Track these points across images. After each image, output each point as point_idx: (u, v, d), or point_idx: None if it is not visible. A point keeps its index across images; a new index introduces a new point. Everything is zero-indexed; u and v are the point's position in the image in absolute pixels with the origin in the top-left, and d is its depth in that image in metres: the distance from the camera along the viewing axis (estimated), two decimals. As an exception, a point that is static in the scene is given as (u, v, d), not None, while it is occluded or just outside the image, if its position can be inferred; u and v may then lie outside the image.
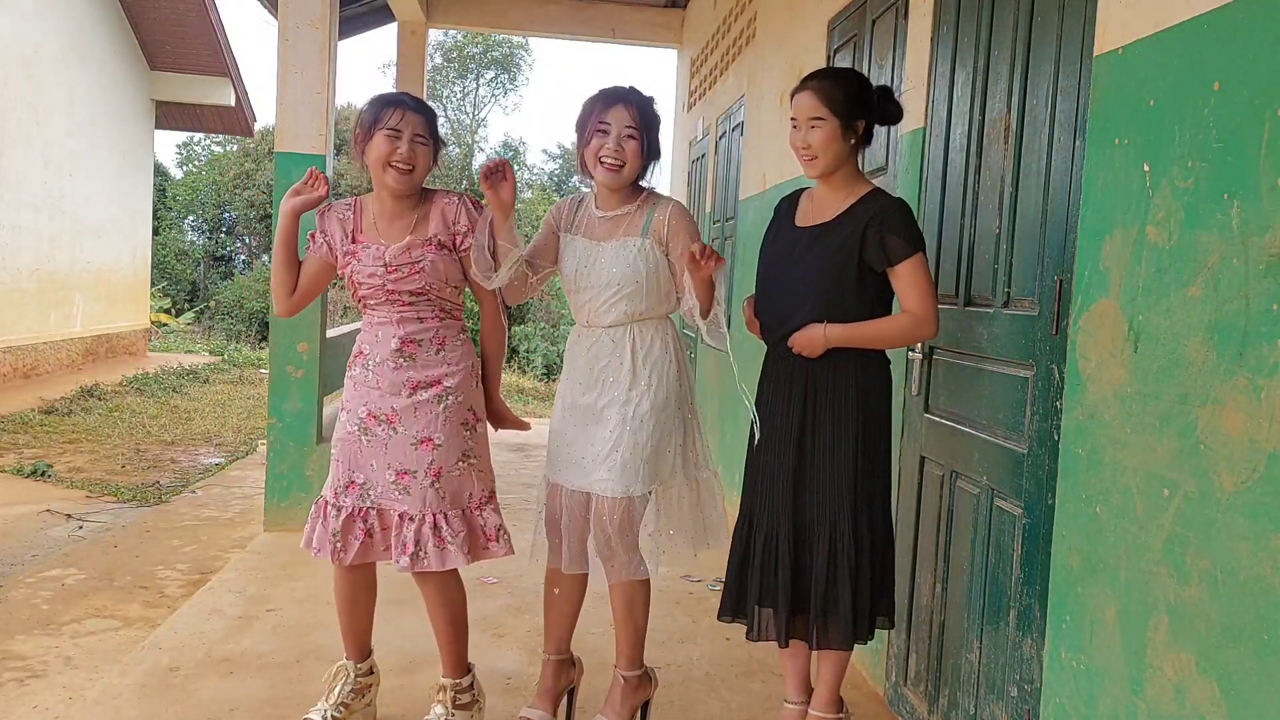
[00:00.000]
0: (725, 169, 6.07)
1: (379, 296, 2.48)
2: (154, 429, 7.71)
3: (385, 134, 2.43)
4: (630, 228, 2.54)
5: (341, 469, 2.51)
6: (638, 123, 2.48)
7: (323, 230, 2.56)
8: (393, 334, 2.48)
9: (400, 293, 2.47)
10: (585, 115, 2.52)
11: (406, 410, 2.47)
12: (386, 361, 2.48)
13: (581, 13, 8.21)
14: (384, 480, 2.48)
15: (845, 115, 2.28)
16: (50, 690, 2.97)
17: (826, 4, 3.89)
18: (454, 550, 2.46)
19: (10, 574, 4.09)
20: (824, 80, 2.32)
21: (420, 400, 2.47)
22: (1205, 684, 1.53)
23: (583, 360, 2.58)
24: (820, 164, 2.31)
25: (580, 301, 2.58)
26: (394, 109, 2.45)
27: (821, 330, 2.27)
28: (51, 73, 9.95)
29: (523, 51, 23.52)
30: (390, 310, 2.49)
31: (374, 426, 2.48)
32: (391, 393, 2.48)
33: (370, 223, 2.53)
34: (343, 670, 2.65)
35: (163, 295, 17.58)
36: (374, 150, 2.45)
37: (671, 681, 3.07)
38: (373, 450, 2.48)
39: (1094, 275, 1.88)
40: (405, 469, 2.47)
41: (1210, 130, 1.58)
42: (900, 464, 2.89)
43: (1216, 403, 1.53)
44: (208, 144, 23.49)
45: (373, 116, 2.45)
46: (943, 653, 2.56)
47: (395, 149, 2.43)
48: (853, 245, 2.26)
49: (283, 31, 4.44)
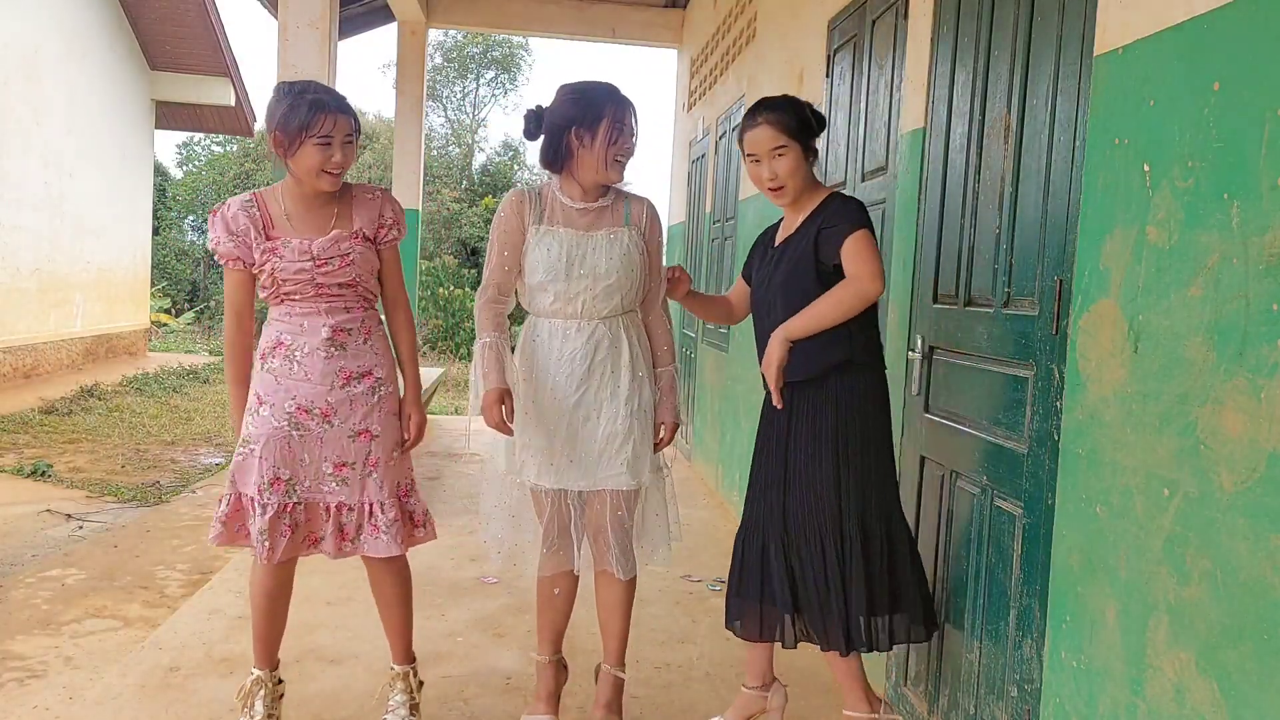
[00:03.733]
0: (725, 169, 6.07)
1: (306, 290, 2.43)
2: (154, 429, 7.71)
3: (317, 144, 2.35)
4: (614, 219, 2.56)
5: (265, 466, 2.42)
6: (637, 122, 2.56)
7: (232, 234, 2.42)
8: (322, 323, 2.44)
9: (329, 285, 2.43)
10: (598, 113, 2.47)
11: (342, 403, 2.45)
12: (317, 351, 2.43)
13: (581, 13, 8.21)
14: (318, 473, 2.45)
15: (802, 138, 2.39)
16: (50, 690, 2.96)
17: (826, 4, 3.89)
18: (387, 538, 2.49)
19: (10, 574, 4.09)
20: (775, 111, 2.41)
21: (355, 392, 2.46)
22: (1205, 684, 1.53)
23: (571, 354, 2.52)
24: (789, 191, 2.42)
25: (571, 293, 2.50)
26: (323, 115, 2.35)
27: (778, 335, 2.32)
28: (51, 73, 9.94)
29: (523, 51, 23.51)
30: (317, 301, 2.45)
31: (305, 420, 2.44)
32: (323, 384, 2.43)
33: (281, 216, 2.45)
34: (259, 681, 2.57)
35: (163, 295, 17.59)
36: (306, 159, 2.36)
37: (671, 681, 3.07)
38: (305, 445, 2.44)
39: (1094, 275, 1.88)
40: (344, 461, 2.46)
41: (1210, 130, 1.58)
42: (900, 464, 2.89)
43: (1216, 403, 1.53)
44: (208, 144, 23.49)
45: (301, 123, 2.34)
46: (943, 653, 2.56)
47: (329, 157, 2.36)
48: (809, 247, 2.36)
49: (283, 31, 4.44)
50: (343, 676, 3.01)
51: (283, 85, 2.43)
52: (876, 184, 3.28)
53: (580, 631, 3.45)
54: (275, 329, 2.47)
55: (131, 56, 11.94)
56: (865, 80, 3.42)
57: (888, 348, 3.06)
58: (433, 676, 2.96)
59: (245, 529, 2.48)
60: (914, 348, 2.76)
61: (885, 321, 3.11)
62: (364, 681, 2.96)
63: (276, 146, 2.40)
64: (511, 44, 22.84)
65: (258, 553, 2.45)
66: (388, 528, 2.49)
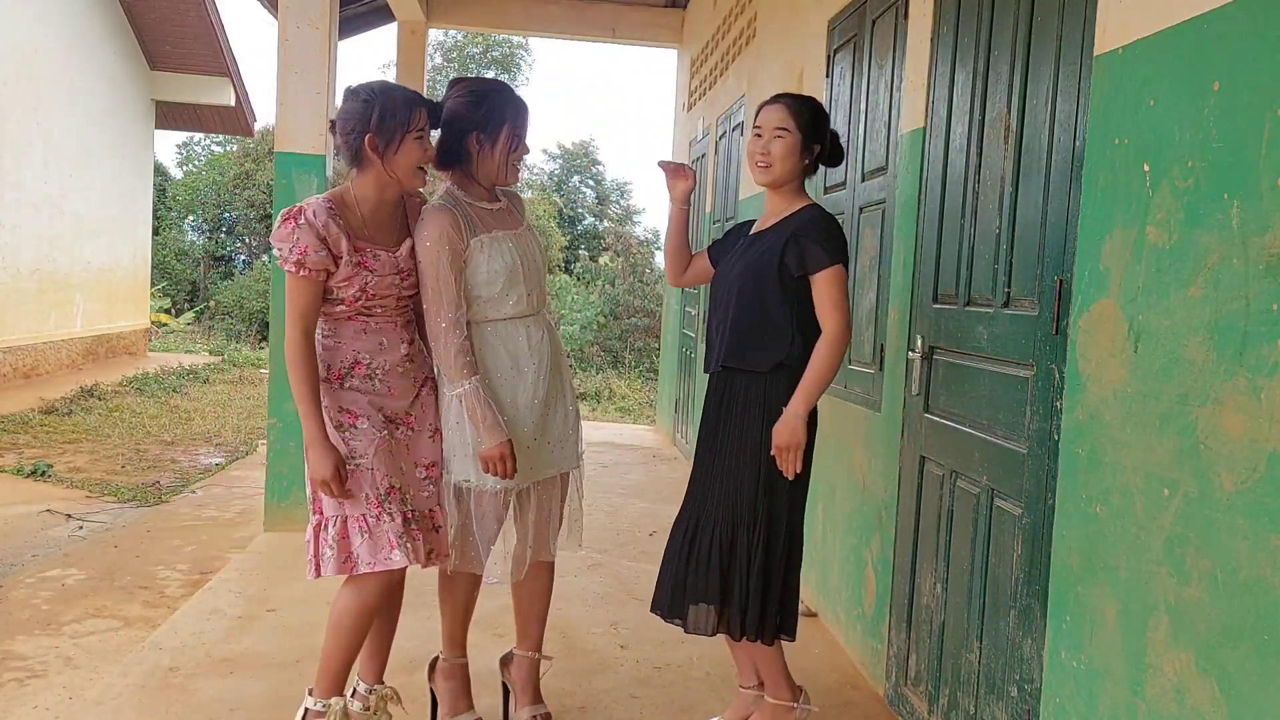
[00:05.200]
0: (725, 169, 6.07)
1: (389, 304, 2.36)
2: (154, 429, 7.71)
3: (417, 138, 2.29)
4: (518, 215, 2.59)
5: (380, 476, 2.30)
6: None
7: (323, 241, 2.24)
8: (400, 339, 2.41)
9: (407, 298, 2.40)
10: (499, 119, 2.44)
11: (416, 409, 2.45)
12: (396, 368, 2.40)
13: (581, 13, 8.21)
14: (414, 479, 2.42)
15: (807, 133, 2.46)
16: (50, 690, 2.96)
17: (826, 4, 3.89)
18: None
19: (10, 574, 4.09)
20: (794, 98, 2.51)
21: (423, 395, 2.47)
22: (1205, 684, 1.54)
23: (538, 349, 2.51)
24: (774, 172, 2.48)
25: (521, 294, 2.48)
26: (419, 109, 2.30)
27: (790, 414, 2.36)
28: (51, 73, 9.94)
29: (523, 51, 23.49)
30: (396, 316, 2.41)
31: (394, 431, 2.41)
32: (403, 396, 2.42)
33: (359, 224, 2.33)
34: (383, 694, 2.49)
35: (163, 295, 17.57)
36: (407, 156, 2.28)
37: (671, 681, 3.07)
38: (400, 453, 2.41)
39: (1094, 275, 1.88)
40: (431, 460, 2.46)
41: (1210, 130, 1.58)
42: (900, 463, 2.89)
43: (1216, 403, 1.54)
44: (208, 144, 23.47)
45: (402, 119, 2.26)
46: (943, 653, 2.56)
47: (426, 150, 2.33)
48: (776, 249, 2.42)
49: (283, 31, 4.44)
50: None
51: (360, 88, 2.30)
52: (876, 184, 3.28)
53: (580, 631, 3.45)
54: (351, 348, 2.35)
55: (132, 56, 11.94)
56: (865, 80, 3.42)
57: (888, 347, 3.07)
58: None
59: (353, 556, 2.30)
60: (914, 347, 2.76)
61: (885, 321, 3.11)
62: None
63: (372, 149, 2.27)
64: (511, 44, 22.83)
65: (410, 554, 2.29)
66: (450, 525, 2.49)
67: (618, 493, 5.84)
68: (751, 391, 2.43)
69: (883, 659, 2.97)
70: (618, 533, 4.89)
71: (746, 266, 2.47)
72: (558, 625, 3.31)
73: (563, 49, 51.73)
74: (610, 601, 3.81)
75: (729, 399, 2.47)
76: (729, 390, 2.47)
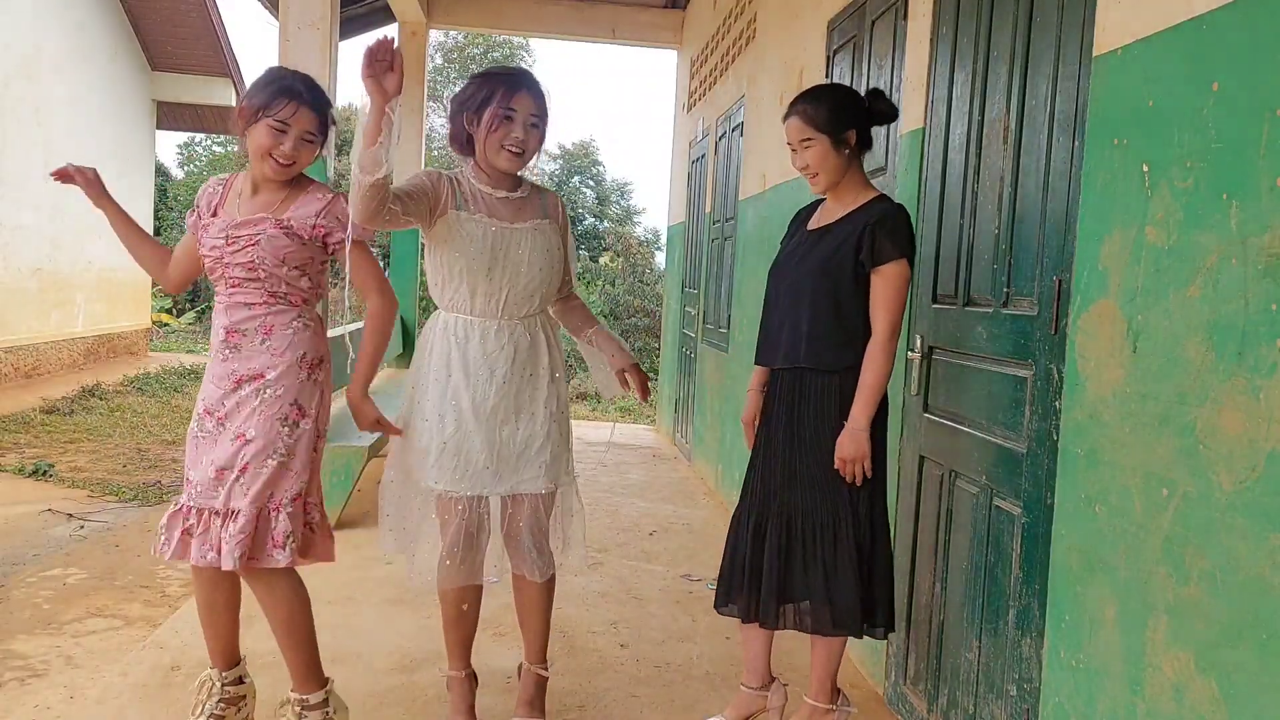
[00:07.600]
0: (725, 170, 6.07)
1: (216, 271, 2.35)
2: (155, 429, 7.71)
3: (270, 125, 2.26)
4: (533, 211, 2.49)
5: (185, 465, 2.39)
6: (541, 112, 2.44)
7: (197, 203, 2.43)
8: (220, 323, 2.35)
9: (232, 266, 2.31)
10: (484, 96, 2.38)
11: (233, 408, 2.33)
12: (216, 353, 2.36)
13: (581, 13, 8.21)
14: (206, 478, 2.32)
15: (832, 130, 2.39)
16: (51, 689, 2.97)
17: (826, 4, 3.89)
18: (226, 550, 2.26)
19: (12, 573, 4.09)
20: (805, 102, 2.44)
21: (243, 396, 2.33)
22: (1205, 683, 1.54)
23: (490, 356, 2.41)
24: (823, 180, 2.44)
25: (491, 288, 2.40)
26: (288, 102, 2.27)
27: (855, 428, 2.33)
28: (52, 73, 9.95)
29: (523, 52, 23.50)
30: (223, 293, 2.35)
31: (206, 422, 2.36)
32: (220, 387, 2.34)
33: (234, 195, 2.40)
34: (206, 680, 2.50)
35: (164, 295, 17.58)
36: (256, 138, 2.28)
37: (671, 681, 3.08)
38: (203, 447, 2.35)
39: (1093, 275, 1.88)
40: (223, 466, 2.31)
41: (1210, 130, 1.58)
42: (900, 463, 2.89)
43: (1215, 403, 1.54)
44: (209, 144, 23.48)
45: (263, 101, 2.27)
46: (942, 652, 2.56)
47: (278, 144, 2.28)
48: (851, 244, 2.36)
49: (283, 32, 4.44)
50: (343, 675, 3.01)
51: (273, 67, 2.38)
52: (876, 184, 3.27)
53: (580, 630, 3.46)
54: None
55: (132, 57, 11.94)
56: (865, 80, 3.43)
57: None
58: (434, 675, 2.96)
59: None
60: (913, 347, 2.76)
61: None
62: (365, 680, 2.96)
63: (239, 118, 2.32)
64: (512, 45, 22.84)
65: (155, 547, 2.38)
66: (228, 539, 2.28)
67: (618, 492, 5.84)
68: (829, 391, 2.39)
69: (882, 658, 2.97)
70: (618, 532, 4.89)
71: (818, 262, 2.41)
72: (558, 625, 3.31)
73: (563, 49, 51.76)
74: (610, 601, 3.82)
75: (800, 398, 2.42)
76: (800, 389, 2.42)
